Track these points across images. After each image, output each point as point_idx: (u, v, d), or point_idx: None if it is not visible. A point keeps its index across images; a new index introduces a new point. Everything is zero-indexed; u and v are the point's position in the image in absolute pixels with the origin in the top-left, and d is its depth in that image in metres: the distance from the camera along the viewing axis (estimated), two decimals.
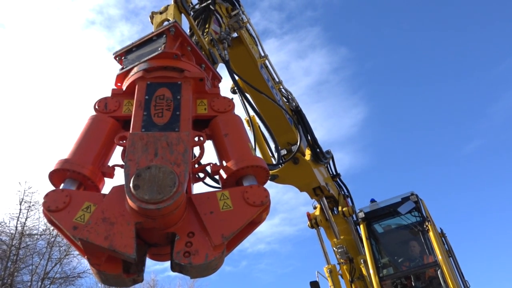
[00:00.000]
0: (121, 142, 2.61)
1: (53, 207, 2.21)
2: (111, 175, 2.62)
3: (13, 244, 21.77)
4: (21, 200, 22.68)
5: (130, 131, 2.55)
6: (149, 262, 2.48)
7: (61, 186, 2.40)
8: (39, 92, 42.61)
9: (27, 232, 22.64)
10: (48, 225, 22.86)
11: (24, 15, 40.52)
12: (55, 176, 2.43)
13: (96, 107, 2.84)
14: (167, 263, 2.44)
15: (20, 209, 22.55)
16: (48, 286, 22.45)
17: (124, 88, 3.00)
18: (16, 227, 22.20)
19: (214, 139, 2.86)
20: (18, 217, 22.39)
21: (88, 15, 47.36)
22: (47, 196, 2.26)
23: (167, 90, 2.86)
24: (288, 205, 48.50)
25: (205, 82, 3.06)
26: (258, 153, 5.62)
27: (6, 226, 22.04)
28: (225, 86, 6.49)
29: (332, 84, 55.00)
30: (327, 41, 57.24)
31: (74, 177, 2.42)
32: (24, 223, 22.54)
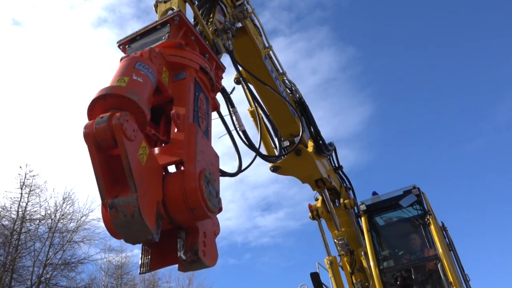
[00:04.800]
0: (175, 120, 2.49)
1: (129, 134, 2.02)
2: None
3: (15, 229, 21.81)
4: (21, 184, 22.63)
5: (186, 120, 2.58)
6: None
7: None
8: (50, 84, 43.00)
9: (28, 217, 22.66)
10: (49, 210, 22.92)
11: (39, 13, 40.83)
12: (99, 105, 2.16)
13: (150, 56, 2.63)
14: None
15: (21, 193, 22.53)
16: (51, 272, 22.61)
17: (165, 59, 2.87)
18: (18, 211, 22.22)
19: None
20: (20, 202, 22.40)
21: (100, 14, 47.54)
22: (123, 117, 2.03)
23: (204, 101, 2.91)
24: (293, 200, 48.73)
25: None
26: (261, 147, 5.60)
27: (8, 210, 22.05)
28: (229, 77, 6.47)
29: (339, 82, 55.13)
30: (335, 41, 57.25)
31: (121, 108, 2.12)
32: (25, 208, 22.55)
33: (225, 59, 4.38)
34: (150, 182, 2.08)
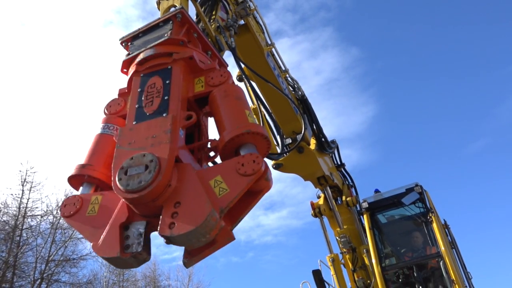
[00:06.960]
0: None
1: (67, 214, 2.41)
2: None
3: (17, 225, 21.89)
4: (23, 180, 22.69)
5: (124, 126, 2.60)
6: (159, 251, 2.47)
7: (79, 190, 2.61)
8: (51, 82, 43.07)
9: (29, 213, 22.73)
10: (51, 206, 23.01)
11: (44, 14, 41.07)
12: (74, 181, 2.64)
13: (105, 110, 2.98)
14: (176, 254, 2.45)
15: (23, 190, 22.59)
16: (53, 268, 22.69)
17: (127, 85, 3.04)
18: (19, 208, 22.28)
19: (213, 114, 2.78)
20: (21, 198, 22.44)
21: (107, 15, 47.70)
22: (63, 204, 2.46)
23: (158, 78, 2.83)
24: (296, 199, 48.91)
25: (196, 60, 2.96)
26: None
27: (9, 207, 22.11)
28: (232, 74, 6.46)
29: (342, 83, 55.26)
30: (339, 41, 57.42)
31: (91, 181, 2.60)
32: (26, 204, 22.62)
33: (228, 57, 4.37)
34: (107, 219, 2.27)
